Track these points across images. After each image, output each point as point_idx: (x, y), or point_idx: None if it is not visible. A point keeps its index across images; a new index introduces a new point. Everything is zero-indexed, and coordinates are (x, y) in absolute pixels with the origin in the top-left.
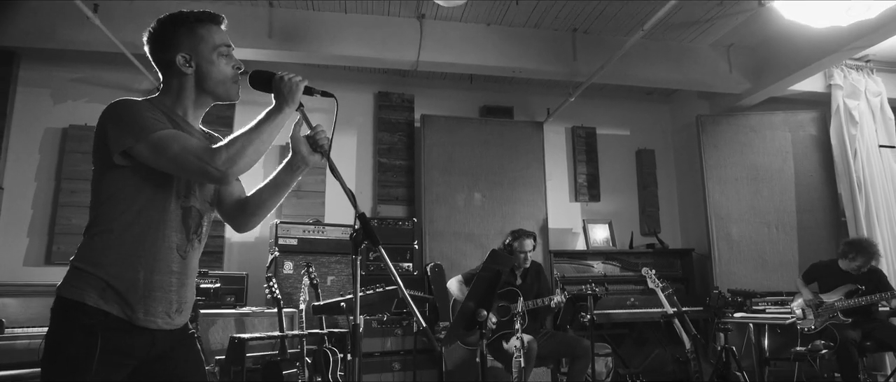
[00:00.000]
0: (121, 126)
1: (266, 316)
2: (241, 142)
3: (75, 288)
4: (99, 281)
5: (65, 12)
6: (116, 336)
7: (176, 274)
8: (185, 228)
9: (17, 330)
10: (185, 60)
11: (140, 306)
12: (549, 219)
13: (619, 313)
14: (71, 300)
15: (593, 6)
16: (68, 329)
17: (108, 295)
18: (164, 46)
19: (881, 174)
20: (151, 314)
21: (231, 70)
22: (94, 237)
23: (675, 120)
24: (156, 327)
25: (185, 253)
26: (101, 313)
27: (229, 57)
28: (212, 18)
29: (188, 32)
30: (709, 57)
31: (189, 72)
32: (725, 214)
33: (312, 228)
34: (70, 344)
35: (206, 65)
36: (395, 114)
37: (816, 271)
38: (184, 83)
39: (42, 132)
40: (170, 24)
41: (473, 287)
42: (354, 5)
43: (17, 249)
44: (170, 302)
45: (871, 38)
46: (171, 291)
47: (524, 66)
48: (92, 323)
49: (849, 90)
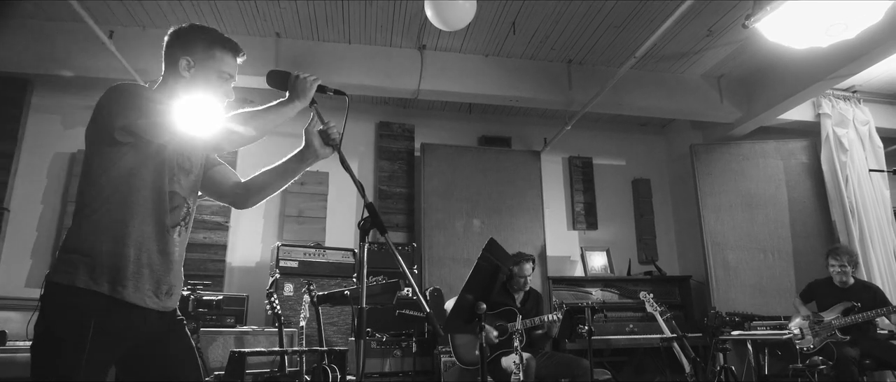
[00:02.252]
0: (127, 101)
1: (265, 335)
2: (243, 120)
3: (65, 273)
4: (89, 261)
5: (80, 39)
6: (108, 317)
7: (163, 255)
8: (172, 212)
9: (19, 344)
10: (188, 65)
11: (129, 283)
12: (548, 247)
13: (619, 339)
14: (61, 284)
15: (587, 38)
16: (60, 312)
17: (97, 274)
18: (178, 44)
19: (873, 199)
20: (141, 291)
21: (223, 94)
22: (83, 220)
23: (670, 150)
24: (145, 305)
25: (170, 236)
26: (90, 293)
27: (227, 83)
28: (233, 48)
29: (206, 46)
30: (700, 87)
31: (186, 76)
32: (722, 241)
33: (313, 251)
34: (63, 327)
35: (201, 80)
36: (395, 143)
37: (813, 290)
38: (176, 85)
39: (51, 156)
40: (196, 31)
41: (471, 277)
42: (357, 36)
43: (20, 270)
44: (158, 282)
45: (852, 67)
46: (158, 271)
47: (521, 95)
48: (84, 304)
49: (837, 119)
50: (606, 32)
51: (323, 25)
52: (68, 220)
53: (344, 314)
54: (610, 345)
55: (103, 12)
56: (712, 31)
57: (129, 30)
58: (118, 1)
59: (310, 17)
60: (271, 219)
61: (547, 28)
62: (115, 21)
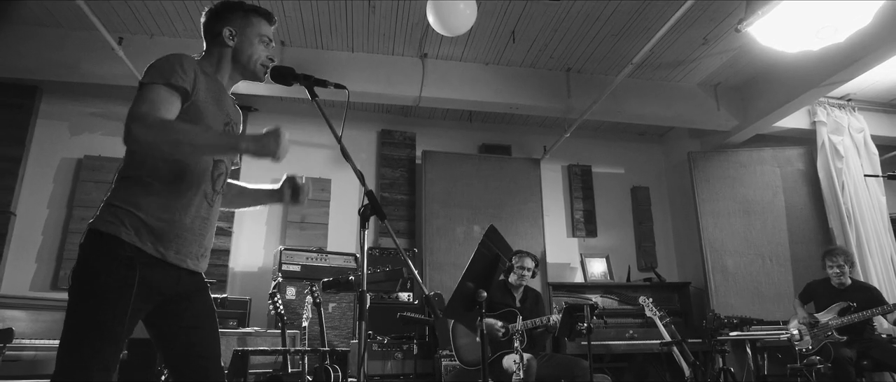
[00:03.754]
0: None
1: (268, 336)
2: (182, 136)
3: (111, 224)
4: (135, 219)
5: (90, 46)
6: (149, 271)
7: (204, 220)
8: (213, 179)
9: (25, 342)
10: (231, 34)
11: (172, 245)
12: (548, 254)
13: (619, 344)
14: (107, 233)
15: (585, 46)
16: (106, 260)
17: (143, 233)
18: (218, 19)
19: (869, 205)
20: (182, 253)
21: (264, 55)
22: (130, 179)
23: (668, 158)
24: (184, 266)
25: (212, 202)
26: (134, 248)
27: (267, 46)
28: (266, 15)
29: (242, 15)
30: (697, 95)
31: (231, 44)
32: (720, 247)
33: (315, 256)
34: (108, 275)
35: (246, 44)
36: (397, 150)
37: (811, 291)
38: (223, 54)
39: (58, 161)
40: (231, 5)
41: (471, 264)
42: (360, 44)
43: (24, 274)
44: (200, 245)
45: (845, 74)
46: (199, 235)
47: (521, 103)
48: (129, 257)
49: (832, 126)
50: (604, 41)
51: (327, 34)
52: (74, 225)
53: (346, 317)
54: (610, 351)
55: (112, 19)
56: (708, 39)
57: (137, 37)
58: (127, 8)
59: (314, 26)
60: (274, 225)
61: (546, 36)
62: (123, 28)
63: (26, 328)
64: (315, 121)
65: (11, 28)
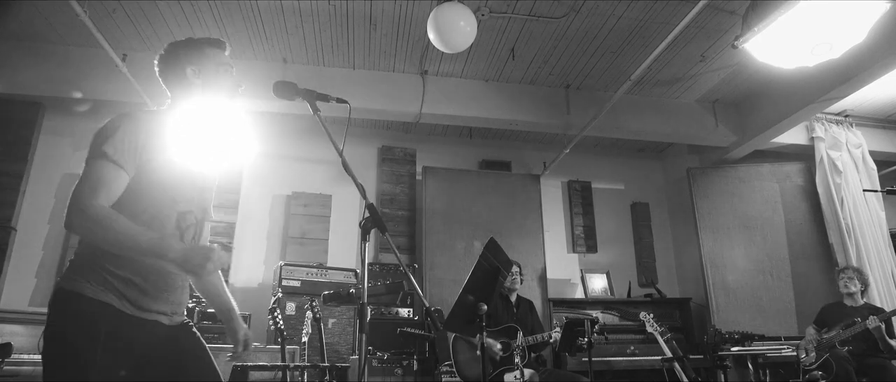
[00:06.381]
0: (99, 136)
1: (267, 352)
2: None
3: (74, 280)
4: (100, 272)
5: (93, 63)
6: (116, 327)
7: (173, 275)
8: (181, 231)
9: (24, 357)
10: (195, 72)
11: (142, 300)
12: (548, 269)
13: (620, 360)
14: (71, 290)
15: (584, 63)
16: (70, 318)
17: (109, 287)
18: (175, 61)
19: (868, 220)
20: (148, 310)
21: (231, 83)
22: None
23: (668, 174)
24: (163, 320)
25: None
26: (98, 303)
27: (229, 73)
28: (216, 44)
29: (197, 51)
30: (696, 111)
31: (197, 82)
32: (720, 263)
33: (315, 271)
34: (73, 332)
35: (211, 77)
36: (397, 166)
37: (825, 314)
38: (192, 92)
39: (60, 178)
40: (180, 44)
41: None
42: (361, 62)
43: (24, 288)
44: (168, 301)
45: (842, 90)
46: (167, 291)
47: (521, 119)
48: (92, 312)
49: (830, 142)
50: (603, 58)
51: (328, 51)
52: (74, 241)
53: (346, 334)
54: (611, 367)
55: (116, 36)
56: (705, 56)
57: (140, 55)
58: (131, 25)
59: (316, 43)
60: (274, 241)
61: (545, 53)
62: (126, 45)
63: (25, 343)
64: (316, 136)
65: (15, 44)
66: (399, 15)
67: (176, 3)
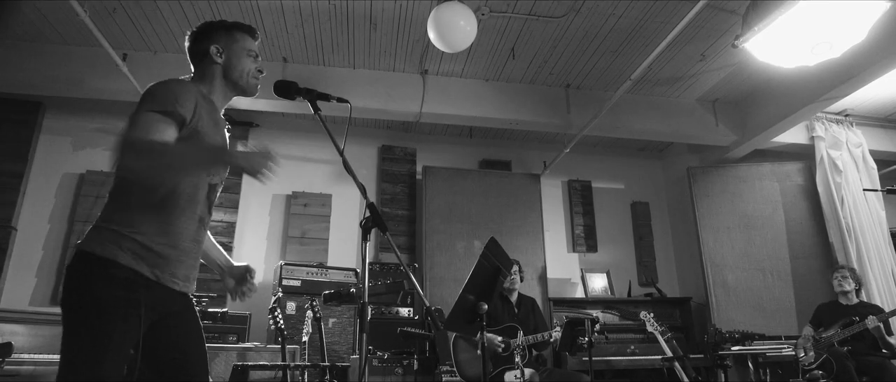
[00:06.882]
0: (150, 94)
1: (268, 351)
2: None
3: (107, 247)
4: (133, 242)
5: (94, 62)
6: (147, 293)
7: (196, 243)
8: (208, 202)
9: (24, 356)
10: (218, 51)
11: (168, 268)
12: (548, 269)
13: (620, 360)
14: (103, 257)
15: (584, 63)
16: (104, 283)
17: (140, 256)
18: (203, 38)
19: (869, 219)
20: (176, 276)
21: (254, 68)
22: (124, 201)
23: (668, 173)
24: (177, 288)
25: (205, 224)
26: (132, 271)
27: (255, 60)
28: (248, 30)
29: (226, 32)
30: (696, 110)
31: (219, 61)
32: (720, 262)
33: (316, 271)
34: (109, 298)
35: (234, 59)
36: (397, 166)
37: (820, 313)
38: (214, 72)
39: (60, 177)
40: (213, 24)
41: (472, 277)
42: (362, 61)
43: (24, 288)
44: (190, 267)
45: (842, 89)
46: (191, 257)
47: (521, 119)
48: (129, 279)
49: (831, 141)
50: (603, 57)
51: (329, 51)
52: (75, 240)
53: (346, 333)
54: (611, 366)
55: (116, 36)
56: (706, 55)
57: (140, 54)
58: (131, 25)
59: (316, 43)
60: (274, 240)
61: (545, 53)
62: (127, 45)
63: (25, 342)
64: (316, 136)
65: (15, 44)
66: (399, 14)
67: (176, 3)
